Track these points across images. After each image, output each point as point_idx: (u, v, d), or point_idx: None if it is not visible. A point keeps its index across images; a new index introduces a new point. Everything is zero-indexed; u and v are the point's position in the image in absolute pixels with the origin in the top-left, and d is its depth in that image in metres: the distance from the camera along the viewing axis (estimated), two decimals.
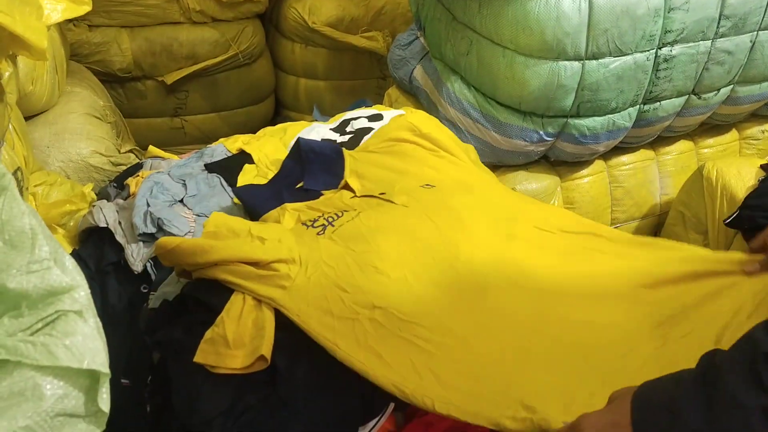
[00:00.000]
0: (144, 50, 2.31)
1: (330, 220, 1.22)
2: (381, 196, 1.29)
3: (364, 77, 2.75)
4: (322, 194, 1.36)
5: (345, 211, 1.24)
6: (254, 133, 2.77)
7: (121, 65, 2.29)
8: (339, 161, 1.42)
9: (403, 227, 1.17)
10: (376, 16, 2.55)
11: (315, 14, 2.50)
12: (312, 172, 1.40)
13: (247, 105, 2.67)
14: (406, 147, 1.46)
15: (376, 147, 1.48)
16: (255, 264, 1.05)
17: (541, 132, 1.72)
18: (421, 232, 1.16)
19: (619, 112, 1.72)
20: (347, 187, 1.37)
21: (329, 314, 1.00)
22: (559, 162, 1.89)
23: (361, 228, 1.16)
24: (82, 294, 0.68)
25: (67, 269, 0.69)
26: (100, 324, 0.70)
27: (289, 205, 1.30)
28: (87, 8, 1.33)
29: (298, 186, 1.40)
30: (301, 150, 1.44)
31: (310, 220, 1.24)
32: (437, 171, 1.40)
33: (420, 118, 1.56)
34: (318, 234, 1.18)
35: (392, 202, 1.26)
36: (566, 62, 1.57)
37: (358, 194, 1.33)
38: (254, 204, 1.34)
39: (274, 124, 2.83)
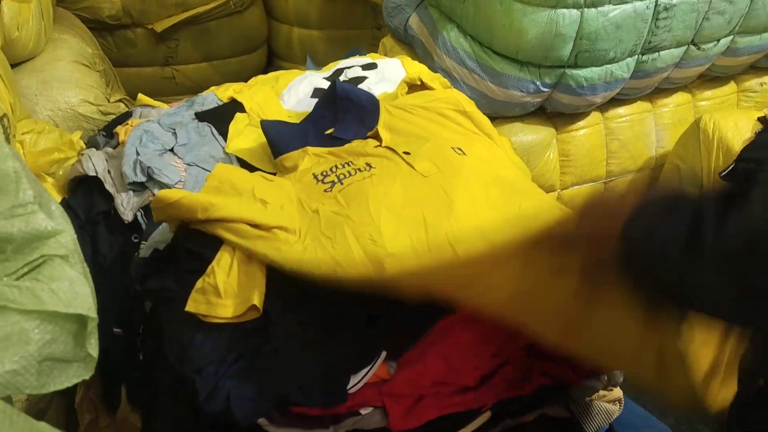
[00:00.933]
0: None
1: (341, 177, 1.19)
2: (405, 155, 1.25)
3: (359, 27, 2.69)
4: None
5: (359, 169, 1.21)
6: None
7: (109, 12, 2.24)
8: (374, 113, 1.35)
9: (412, 200, 1.12)
10: None
11: None
12: (345, 120, 1.34)
13: (240, 54, 2.62)
14: (445, 121, 1.40)
15: (415, 110, 1.41)
16: (255, 226, 1.04)
17: (537, 82, 1.70)
18: (430, 208, 1.10)
19: (618, 62, 1.70)
20: (376, 136, 1.32)
21: None
22: (555, 113, 1.87)
23: (369, 193, 1.12)
24: (67, 238, 0.67)
25: (53, 213, 0.68)
26: (87, 269, 0.69)
27: (311, 149, 1.27)
28: None
29: (327, 132, 1.35)
30: (337, 96, 1.37)
31: (322, 173, 1.21)
32: (472, 147, 1.34)
33: (461, 96, 1.47)
34: (325, 191, 1.16)
35: (412, 167, 1.22)
36: (565, 10, 1.54)
37: (383, 145, 1.29)
38: (278, 141, 1.29)
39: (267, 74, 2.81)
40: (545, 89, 1.71)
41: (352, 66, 1.69)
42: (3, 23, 1.44)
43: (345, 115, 1.35)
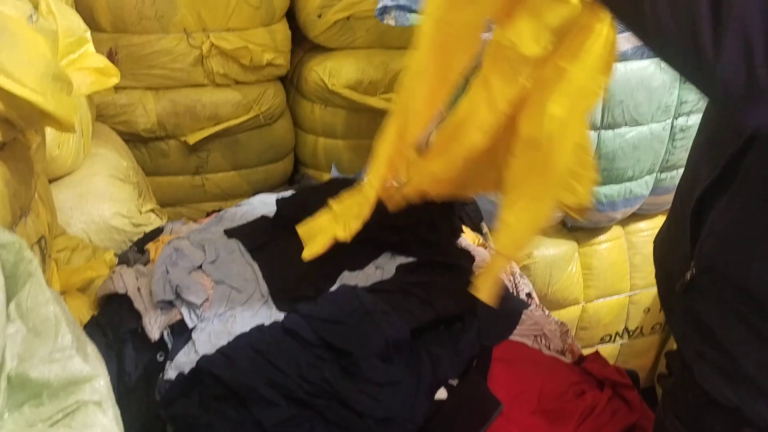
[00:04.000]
0: (168, 111, 2.36)
1: None
2: None
3: None
4: None
5: None
6: (273, 190, 2.80)
7: (145, 126, 2.34)
8: None
9: None
10: (394, 79, 2.60)
11: (335, 77, 2.55)
12: None
13: (267, 163, 2.71)
14: None
15: None
16: None
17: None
18: None
19: (636, 180, 1.73)
20: None
21: None
22: (576, 227, 1.89)
23: None
24: (101, 383, 0.69)
25: (89, 357, 0.70)
26: (118, 413, 0.70)
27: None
28: (115, 80, 1.37)
29: None
30: None
31: None
32: None
33: None
34: None
35: None
36: None
37: None
38: None
39: (293, 181, 2.89)
40: None
41: None
42: (45, 145, 1.52)
43: None
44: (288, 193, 1.74)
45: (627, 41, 1.53)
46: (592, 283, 1.89)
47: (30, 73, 1.04)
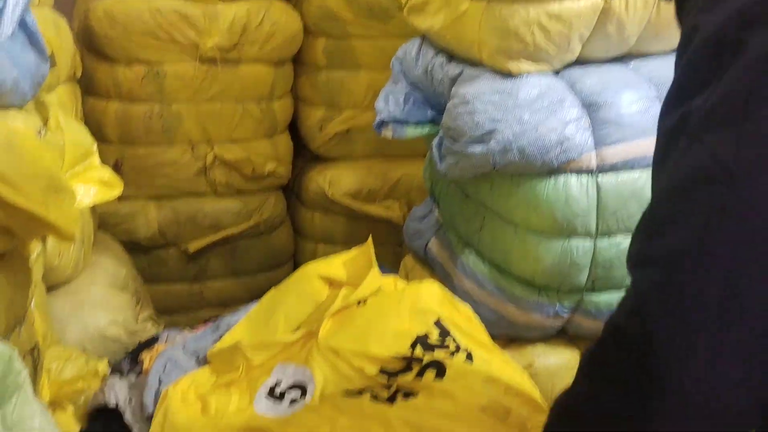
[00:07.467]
0: (169, 220, 2.40)
1: None
2: None
3: (381, 243, 2.79)
4: None
5: None
6: None
7: (146, 234, 2.37)
8: None
9: None
10: (393, 187, 2.66)
11: (335, 186, 2.61)
12: None
13: (266, 270, 2.72)
14: None
15: None
16: None
17: (557, 306, 1.72)
18: None
19: None
20: None
21: None
22: (577, 336, 1.86)
23: None
24: None
25: None
26: None
27: None
28: (118, 192, 1.41)
29: None
30: None
31: None
32: None
33: None
34: None
35: None
36: (578, 240, 1.61)
37: None
38: None
39: None
40: (564, 314, 1.73)
41: None
42: (45, 252, 1.54)
43: None
44: None
45: (616, 154, 1.58)
46: None
47: (33, 185, 1.07)
